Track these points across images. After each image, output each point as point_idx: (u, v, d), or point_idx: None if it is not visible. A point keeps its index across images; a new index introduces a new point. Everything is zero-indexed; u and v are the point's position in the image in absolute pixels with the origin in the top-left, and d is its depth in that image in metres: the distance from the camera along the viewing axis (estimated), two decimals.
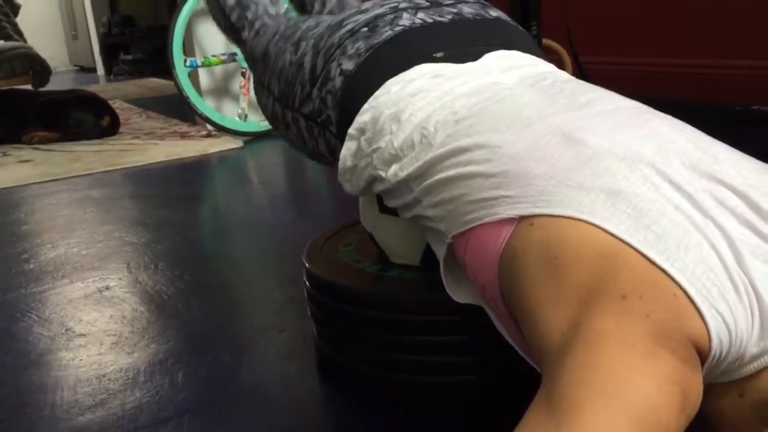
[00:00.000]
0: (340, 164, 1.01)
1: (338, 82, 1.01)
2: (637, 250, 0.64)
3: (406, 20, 1.03)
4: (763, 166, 0.72)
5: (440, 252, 0.89)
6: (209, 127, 3.25)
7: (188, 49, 3.19)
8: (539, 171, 0.73)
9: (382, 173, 0.94)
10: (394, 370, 1.00)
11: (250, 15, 1.36)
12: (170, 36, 2.97)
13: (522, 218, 0.72)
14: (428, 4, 1.05)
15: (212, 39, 3.24)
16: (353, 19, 1.07)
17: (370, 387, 1.04)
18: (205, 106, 3.08)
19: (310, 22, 1.17)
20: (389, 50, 1.00)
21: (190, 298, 1.48)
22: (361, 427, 0.98)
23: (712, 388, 0.65)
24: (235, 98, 3.32)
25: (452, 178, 0.82)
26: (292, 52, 1.13)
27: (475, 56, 0.98)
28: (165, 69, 6.00)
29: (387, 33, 1.02)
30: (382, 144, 0.93)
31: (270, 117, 1.23)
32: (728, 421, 0.66)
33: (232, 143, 3.00)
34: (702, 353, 0.62)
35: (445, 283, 0.90)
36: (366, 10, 1.07)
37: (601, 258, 0.65)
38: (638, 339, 0.60)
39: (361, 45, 1.02)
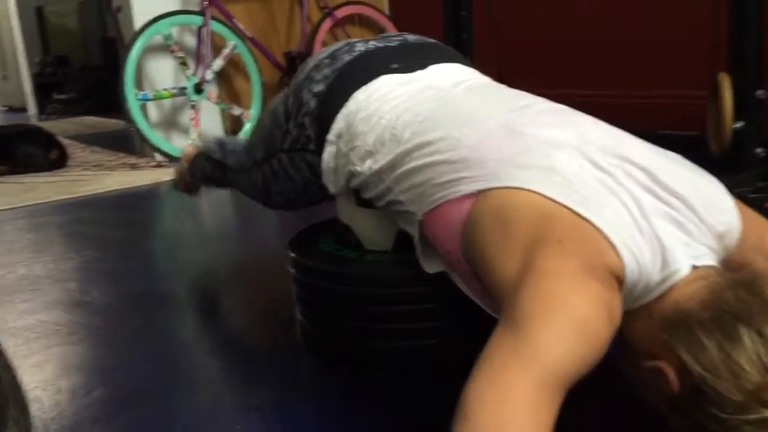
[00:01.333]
0: (324, 167, 1.20)
1: (313, 103, 1.19)
2: (568, 208, 0.85)
3: (360, 47, 1.24)
4: (655, 148, 0.96)
5: (414, 232, 1.08)
6: (159, 158, 3.37)
7: (138, 83, 3.32)
8: (491, 157, 0.94)
9: (358, 168, 1.12)
10: (375, 338, 1.18)
11: (229, 147, 1.59)
12: (122, 70, 3.09)
13: (479, 192, 0.92)
14: (377, 39, 1.27)
15: (161, 74, 3.38)
16: (314, 59, 1.27)
17: (352, 357, 1.21)
18: (157, 137, 3.20)
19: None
20: (352, 68, 1.20)
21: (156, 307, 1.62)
22: (342, 389, 1.15)
23: (629, 314, 0.86)
24: (184, 130, 3.46)
25: (420, 166, 1.02)
26: (269, 116, 1.34)
27: (423, 67, 1.19)
28: (100, 107, 6.06)
29: (347, 57, 1.22)
30: (357, 143, 1.12)
31: (261, 189, 1.39)
32: (643, 337, 0.86)
33: None
34: (619, 280, 0.83)
35: (419, 257, 1.09)
36: (323, 51, 1.28)
37: (541, 215, 0.86)
38: (573, 270, 0.80)
39: (326, 71, 1.21)
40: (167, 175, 3.09)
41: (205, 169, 1.67)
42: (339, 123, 1.16)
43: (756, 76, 1.93)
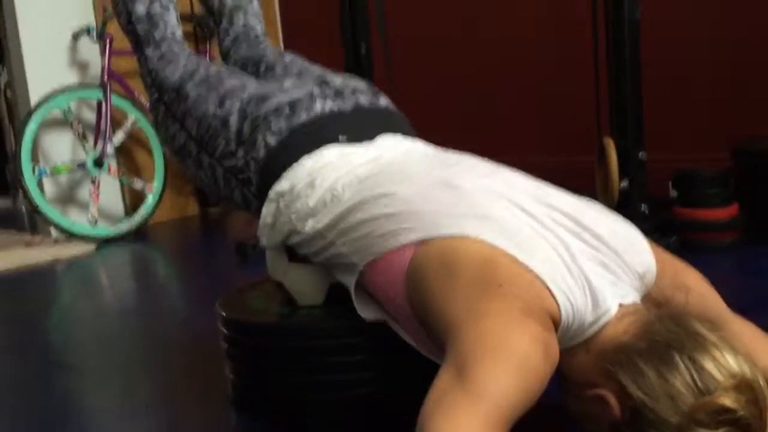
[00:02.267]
0: (261, 222, 1.24)
1: (262, 152, 1.24)
2: (506, 254, 0.93)
3: (318, 107, 1.30)
4: (577, 197, 1.06)
5: (351, 282, 1.12)
6: (55, 234, 3.26)
7: (33, 158, 3.23)
8: (430, 208, 1.02)
9: (299, 228, 1.17)
10: (311, 391, 1.20)
11: (157, 35, 1.49)
12: (18, 146, 3.01)
13: (420, 242, 0.99)
14: (333, 93, 1.34)
15: (58, 148, 3.31)
16: (277, 97, 1.31)
17: (286, 411, 1.22)
18: (55, 212, 3.11)
19: (235, 81, 1.38)
20: (305, 132, 1.26)
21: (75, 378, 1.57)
22: None
23: (567, 352, 0.93)
24: (81, 205, 3.37)
25: (361, 221, 1.08)
26: (217, 105, 1.33)
27: (370, 138, 1.26)
28: None
29: (303, 117, 1.28)
30: (299, 205, 1.18)
31: (178, 148, 1.40)
32: (581, 372, 0.94)
33: (84, 248, 3.04)
34: (555, 321, 0.91)
35: (356, 305, 1.13)
36: (287, 90, 1.33)
37: (482, 261, 0.93)
38: (513, 312, 0.88)
39: (283, 124, 1.26)
40: (66, 250, 3.00)
41: (121, 19, 1.55)
42: (282, 184, 1.21)
43: (637, 139, 2.12)
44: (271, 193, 1.22)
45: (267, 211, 1.23)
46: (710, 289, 1.06)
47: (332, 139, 1.24)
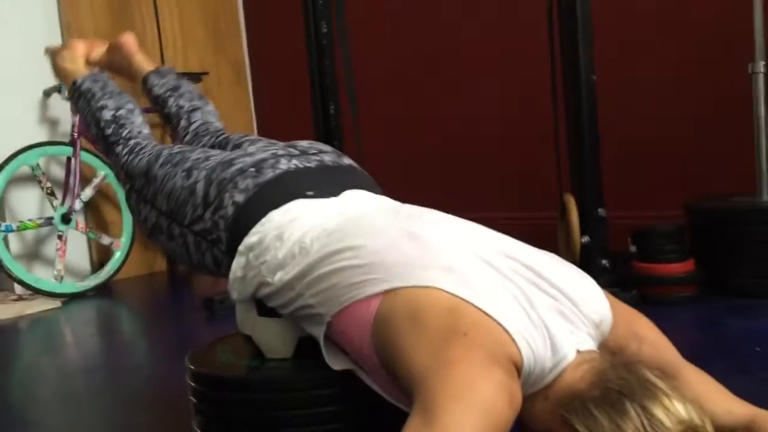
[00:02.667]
0: (231, 275, 1.26)
1: (230, 210, 1.27)
2: (470, 303, 0.97)
3: (283, 165, 1.34)
4: (536, 249, 1.10)
5: (320, 333, 1.15)
6: (19, 290, 3.22)
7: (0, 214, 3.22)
8: (395, 260, 1.06)
9: (269, 279, 1.20)
10: None
11: (125, 133, 1.58)
12: None
13: (386, 292, 1.03)
14: (298, 152, 1.38)
15: (25, 204, 3.31)
16: (242, 160, 1.35)
17: None
18: (19, 269, 3.09)
19: (199, 154, 1.43)
20: (272, 189, 1.29)
21: None
22: None
23: (527, 400, 0.97)
24: (46, 261, 3.35)
25: (329, 272, 1.11)
26: (184, 177, 1.37)
27: (336, 194, 1.30)
28: None
29: (270, 174, 1.32)
30: (268, 257, 1.20)
31: (150, 227, 1.43)
32: (540, 419, 0.97)
33: (50, 304, 3.02)
34: (518, 368, 0.95)
35: (325, 356, 1.15)
36: (252, 154, 1.37)
37: (446, 310, 0.97)
38: (478, 360, 0.91)
39: (249, 182, 1.30)
40: (32, 307, 2.97)
41: (89, 126, 1.64)
42: (252, 237, 1.24)
43: (596, 196, 2.20)
44: (241, 248, 1.25)
45: (237, 264, 1.25)
46: (663, 338, 1.11)
47: (299, 194, 1.28)
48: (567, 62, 2.19)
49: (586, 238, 2.22)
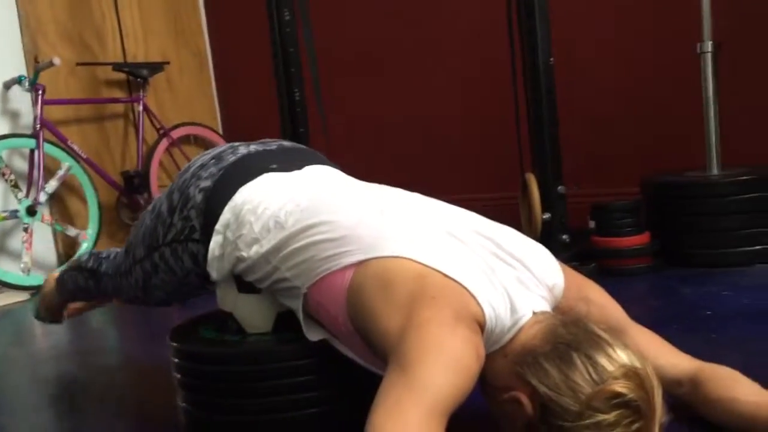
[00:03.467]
0: (210, 255, 1.31)
1: (199, 197, 1.32)
2: (437, 270, 1.04)
3: (243, 150, 1.40)
4: (496, 223, 1.18)
5: (297, 305, 1.21)
6: None
7: None
8: (366, 233, 1.13)
9: (245, 254, 1.25)
10: (261, 413, 1.26)
11: (104, 254, 1.63)
12: None
13: (359, 263, 1.10)
14: (257, 143, 1.44)
15: None
16: (200, 159, 1.41)
17: None
18: None
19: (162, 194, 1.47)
20: (237, 167, 1.35)
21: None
22: None
23: (488, 358, 1.04)
24: (11, 254, 3.34)
25: (304, 246, 1.17)
26: (150, 214, 1.42)
27: (299, 167, 1.37)
28: None
29: (231, 158, 1.37)
30: (244, 231, 1.26)
31: (141, 286, 1.44)
32: (500, 376, 1.05)
33: (18, 296, 3.02)
34: (481, 326, 1.03)
35: (303, 327, 1.22)
36: (208, 152, 1.44)
37: (415, 277, 1.04)
38: (446, 319, 0.99)
39: (213, 169, 1.35)
40: None
41: (77, 281, 1.69)
42: (226, 215, 1.29)
43: (556, 174, 2.29)
44: (218, 227, 1.30)
45: (215, 243, 1.30)
46: (611, 300, 1.21)
47: (264, 169, 1.34)
48: (526, 46, 2.27)
49: (547, 215, 2.31)
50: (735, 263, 2.17)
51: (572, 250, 2.26)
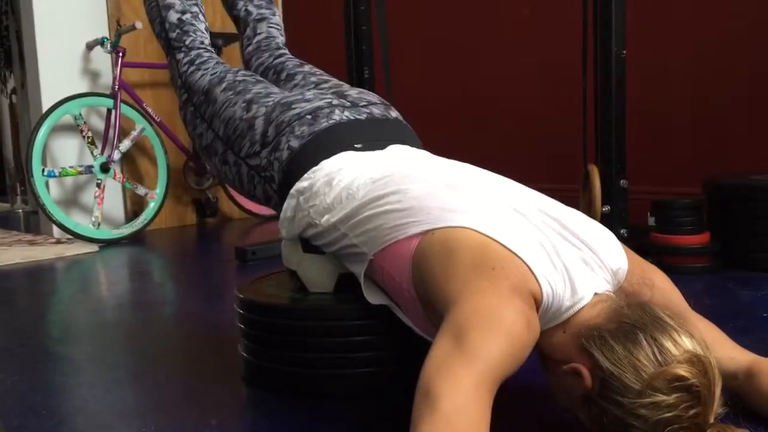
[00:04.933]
0: (282, 215, 1.38)
1: (285, 154, 1.39)
2: (499, 243, 1.08)
3: (336, 116, 1.45)
4: (562, 204, 1.21)
5: (360, 270, 1.26)
6: (57, 234, 3.37)
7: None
8: (435, 205, 1.17)
9: (317, 221, 1.32)
10: (317, 367, 1.33)
11: (188, 41, 1.67)
12: (29, 148, 3.14)
13: (425, 232, 1.14)
14: (350, 104, 1.49)
15: (66, 152, 3.44)
16: (300, 106, 1.47)
17: (295, 386, 1.35)
18: (60, 213, 3.22)
19: (260, 88, 1.55)
20: (324, 138, 1.41)
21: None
22: (289, 416, 1.28)
23: (546, 333, 1.07)
24: (83, 208, 3.50)
25: (373, 215, 1.22)
26: (244, 109, 1.49)
27: (382, 147, 1.42)
28: None
29: (324, 123, 1.43)
30: (317, 201, 1.32)
31: (205, 146, 1.55)
32: (559, 349, 1.08)
33: (87, 248, 3.16)
34: (537, 302, 1.05)
35: (364, 290, 1.27)
36: (309, 100, 1.49)
37: (478, 247, 1.08)
38: (502, 291, 1.02)
39: (305, 129, 1.42)
40: (70, 249, 3.12)
41: (154, 23, 1.71)
42: (303, 182, 1.35)
43: (620, 167, 2.29)
44: (293, 191, 1.36)
45: (288, 205, 1.37)
46: (674, 288, 1.22)
47: (349, 146, 1.40)
48: (600, 36, 2.27)
49: (606, 208, 2.30)
50: None
51: (630, 245, 2.25)
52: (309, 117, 1.43)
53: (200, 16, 1.74)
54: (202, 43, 1.70)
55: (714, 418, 0.93)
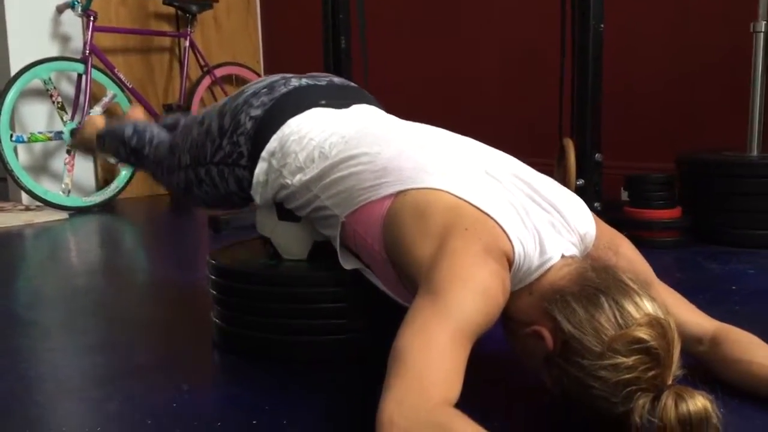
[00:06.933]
0: (254, 180, 1.37)
1: (249, 125, 1.37)
2: (471, 204, 1.08)
3: (294, 82, 1.44)
4: (534, 170, 1.21)
5: (335, 234, 1.26)
6: (26, 200, 3.32)
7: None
8: (407, 166, 1.17)
9: (288, 181, 1.30)
10: (288, 333, 1.32)
11: (147, 136, 1.71)
12: None
13: (398, 193, 1.14)
14: (307, 76, 1.48)
15: (35, 117, 3.37)
16: (252, 87, 1.46)
17: (267, 352, 1.35)
18: (29, 180, 3.17)
19: (210, 107, 1.54)
20: (287, 100, 1.40)
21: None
22: (260, 382, 1.27)
23: (513, 294, 1.08)
24: (53, 175, 3.44)
25: (345, 175, 1.22)
26: (198, 126, 1.49)
27: (346, 106, 1.41)
28: None
29: (283, 90, 1.42)
30: (289, 160, 1.31)
31: (183, 187, 1.53)
32: (524, 310, 1.09)
33: (57, 215, 3.11)
34: (510, 261, 1.06)
35: (339, 255, 1.27)
36: (262, 80, 1.48)
37: (450, 209, 1.08)
38: (476, 251, 1.03)
39: (264, 99, 1.40)
40: (40, 217, 3.07)
41: (118, 150, 1.78)
42: (272, 143, 1.34)
43: (595, 141, 2.30)
44: (264, 154, 1.35)
45: (260, 170, 1.36)
46: (640, 256, 1.23)
47: (313, 104, 1.39)
48: (577, 10, 2.26)
49: (581, 181, 2.32)
50: (764, 245, 2.18)
51: (603, 219, 2.27)
52: (265, 90, 1.42)
53: (153, 124, 1.80)
54: (159, 133, 1.72)
55: (672, 379, 0.94)
